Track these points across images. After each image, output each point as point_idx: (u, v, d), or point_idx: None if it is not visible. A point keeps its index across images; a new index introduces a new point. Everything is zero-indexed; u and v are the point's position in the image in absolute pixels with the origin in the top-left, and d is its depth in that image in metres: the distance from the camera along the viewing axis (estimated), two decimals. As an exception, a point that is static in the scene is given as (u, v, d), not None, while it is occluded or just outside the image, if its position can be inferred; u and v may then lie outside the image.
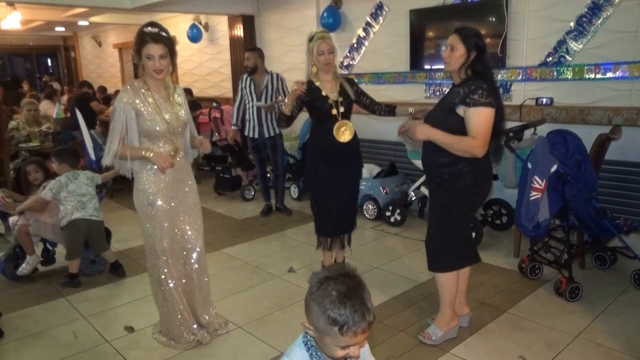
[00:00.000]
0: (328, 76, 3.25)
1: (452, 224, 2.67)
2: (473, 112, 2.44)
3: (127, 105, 2.59)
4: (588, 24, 3.98)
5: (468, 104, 2.44)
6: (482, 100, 2.42)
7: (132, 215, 5.50)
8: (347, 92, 3.27)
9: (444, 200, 2.65)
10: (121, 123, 2.59)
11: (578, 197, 3.24)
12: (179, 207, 2.82)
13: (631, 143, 3.83)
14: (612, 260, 3.67)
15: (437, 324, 2.81)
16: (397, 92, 5.48)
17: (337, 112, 3.23)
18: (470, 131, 2.46)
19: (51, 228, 3.75)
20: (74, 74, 13.09)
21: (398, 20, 5.30)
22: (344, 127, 3.24)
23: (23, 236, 3.70)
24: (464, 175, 2.54)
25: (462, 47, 2.49)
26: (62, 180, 3.64)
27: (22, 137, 5.97)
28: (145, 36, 2.56)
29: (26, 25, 9.76)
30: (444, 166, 2.57)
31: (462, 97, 2.48)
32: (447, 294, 2.75)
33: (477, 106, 2.42)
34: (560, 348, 2.70)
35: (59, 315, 3.26)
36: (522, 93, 4.45)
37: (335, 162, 3.29)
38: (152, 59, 2.55)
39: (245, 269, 3.96)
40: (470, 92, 2.44)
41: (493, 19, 4.53)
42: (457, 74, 2.56)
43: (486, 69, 2.52)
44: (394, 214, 4.85)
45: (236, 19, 7.06)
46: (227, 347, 2.82)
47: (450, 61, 2.55)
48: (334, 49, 3.22)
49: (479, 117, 2.43)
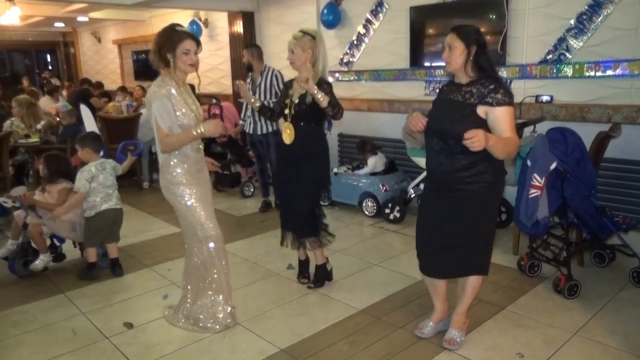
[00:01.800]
0: (301, 76, 3.19)
1: (484, 226, 2.61)
2: (502, 112, 2.37)
3: (165, 98, 2.71)
4: (588, 21, 3.97)
5: (491, 104, 2.37)
6: (507, 99, 2.38)
7: (131, 212, 5.51)
8: (306, 97, 3.17)
9: (465, 205, 2.53)
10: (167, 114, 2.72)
11: (577, 195, 3.24)
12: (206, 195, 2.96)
13: (631, 141, 3.83)
14: (610, 257, 3.67)
15: (457, 327, 2.76)
16: (397, 90, 5.48)
17: (288, 112, 3.23)
18: (505, 131, 2.38)
19: (69, 225, 3.75)
20: (73, 70, 13.06)
21: (398, 17, 5.29)
22: (287, 129, 3.24)
23: (37, 236, 3.70)
24: (486, 174, 2.47)
25: (461, 44, 2.42)
26: (92, 171, 3.68)
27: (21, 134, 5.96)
28: (181, 33, 2.74)
29: (25, 20, 9.74)
30: (464, 169, 2.47)
31: (480, 97, 2.41)
32: (475, 295, 2.78)
33: (503, 105, 2.37)
34: (559, 345, 2.71)
35: (58, 311, 3.26)
36: (522, 90, 4.44)
37: (282, 160, 3.41)
38: (189, 54, 2.73)
39: (244, 265, 3.96)
40: (491, 91, 2.38)
41: (493, 16, 4.52)
42: (462, 72, 2.48)
43: (491, 64, 2.48)
44: (393, 211, 4.85)
45: (236, 15, 7.05)
46: (225, 343, 2.83)
47: (451, 60, 2.47)
48: (295, 50, 3.15)
49: (510, 116, 2.39)
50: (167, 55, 2.72)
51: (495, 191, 2.59)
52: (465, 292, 2.74)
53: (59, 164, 3.87)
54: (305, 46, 3.14)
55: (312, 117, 3.23)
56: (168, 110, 2.71)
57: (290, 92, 3.27)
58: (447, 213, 2.58)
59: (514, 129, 2.43)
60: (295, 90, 3.26)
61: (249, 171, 6.19)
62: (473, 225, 2.57)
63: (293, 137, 3.23)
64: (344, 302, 3.28)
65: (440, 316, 2.86)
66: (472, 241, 2.60)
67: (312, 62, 3.19)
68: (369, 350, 2.72)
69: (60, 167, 3.85)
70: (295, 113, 3.21)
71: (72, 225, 3.76)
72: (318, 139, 3.33)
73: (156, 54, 2.75)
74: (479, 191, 2.49)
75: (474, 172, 2.46)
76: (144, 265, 3.99)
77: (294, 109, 3.22)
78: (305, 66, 3.17)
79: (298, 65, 3.20)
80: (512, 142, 2.39)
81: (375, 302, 3.26)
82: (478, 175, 2.46)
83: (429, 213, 2.71)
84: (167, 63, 2.74)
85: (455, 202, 2.55)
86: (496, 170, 2.53)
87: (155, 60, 2.78)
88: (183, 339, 2.87)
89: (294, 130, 3.22)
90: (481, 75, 2.46)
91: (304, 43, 3.14)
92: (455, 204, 2.55)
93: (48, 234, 3.82)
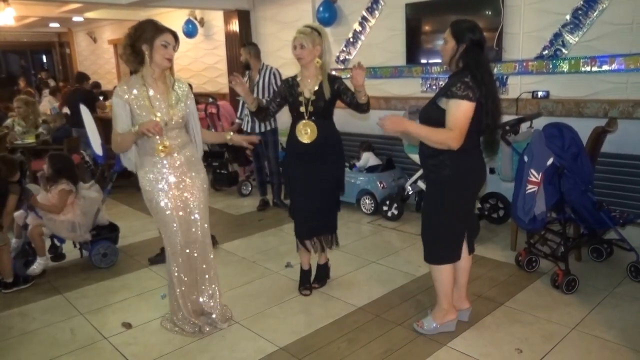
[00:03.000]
0: (308, 72, 3.14)
1: (438, 216, 2.69)
2: (451, 104, 2.45)
3: (117, 97, 2.67)
4: (584, 16, 3.97)
5: (448, 96, 2.47)
6: (459, 93, 2.42)
7: (129, 212, 5.50)
8: (323, 92, 3.11)
9: (431, 191, 2.75)
10: (119, 117, 2.68)
11: (574, 190, 3.25)
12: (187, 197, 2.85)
13: (627, 135, 3.84)
14: (608, 252, 3.68)
15: (432, 316, 2.83)
16: (394, 87, 5.47)
17: (305, 110, 3.11)
18: (447, 123, 2.47)
19: (69, 225, 3.75)
20: (69, 70, 13.02)
21: (394, 14, 5.29)
22: (308, 128, 3.11)
23: (37, 237, 3.70)
24: (444, 167, 2.55)
25: (452, 40, 2.51)
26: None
27: (19, 134, 5.94)
28: (161, 26, 2.68)
29: (20, 21, 9.70)
30: (429, 157, 2.62)
31: (444, 89, 2.53)
32: (441, 286, 2.76)
33: (454, 98, 2.43)
34: (557, 340, 2.71)
35: (57, 312, 3.26)
36: (518, 86, 4.45)
37: (303, 161, 3.19)
38: (168, 47, 2.66)
39: (242, 264, 3.96)
40: (451, 84, 2.47)
41: (489, 12, 4.52)
42: (451, 66, 2.59)
43: (478, 61, 2.48)
44: (391, 208, 4.85)
45: (232, 14, 7.03)
46: (224, 342, 2.83)
47: (443, 54, 2.61)
48: (305, 44, 3.06)
49: (455, 109, 2.44)
50: (143, 47, 2.60)
51: (454, 187, 2.60)
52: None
53: (64, 163, 3.89)
54: (315, 41, 3.07)
55: (328, 112, 3.19)
56: (118, 110, 2.67)
57: (299, 89, 3.15)
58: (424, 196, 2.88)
59: (458, 124, 2.43)
60: (304, 86, 3.15)
61: (246, 170, 6.19)
62: (430, 211, 2.74)
63: (316, 135, 3.11)
64: (343, 299, 3.28)
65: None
66: (428, 227, 2.76)
67: (319, 57, 3.13)
68: (367, 347, 2.72)
69: (64, 166, 3.86)
70: (313, 110, 3.12)
71: (72, 225, 3.75)
72: (336, 134, 3.27)
73: (128, 48, 2.63)
74: (436, 181, 2.65)
75: (436, 162, 2.59)
76: (142, 265, 3.98)
77: (311, 106, 3.12)
78: (313, 62, 3.12)
79: (308, 60, 3.09)
80: (437, 134, 2.48)
81: (373, 300, 3.26)
82: (438, 165, 2.58)
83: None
84: (140, 58, 2.64)
85: (427, 186, 2.84)
86: (455, 167, 2.55)
87: (126, 55, 2.66)
88: (182, 339, 2.87)
89: (315, 127, 3.11)
90: (459, 70, 2.53)
91: (314, 38, 3.06)
92: (427, 188, 2.84)
93: (48, 234, 3.82)
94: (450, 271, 2.75)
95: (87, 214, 3.85)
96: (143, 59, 2.65)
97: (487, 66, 2.53)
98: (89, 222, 3.87)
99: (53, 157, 3.90)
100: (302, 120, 3.12)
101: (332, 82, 3.15)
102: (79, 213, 3.78)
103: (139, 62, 2.67)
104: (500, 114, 2.63)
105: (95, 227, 3.98)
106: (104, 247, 3.93)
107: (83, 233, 3.83)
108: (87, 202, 3.87)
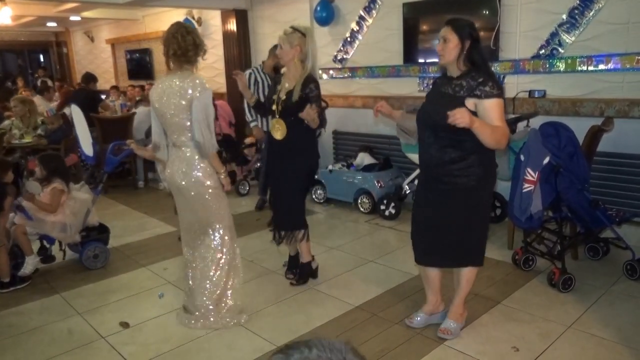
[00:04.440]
0: (289, 72, 3.24)
1: (478, 217, 2.65)
2: (490, 104, 2.40)
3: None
4: (580, 16, 3.99)
5: (479, 97, 2.40)
6: (495, 92, 2.40)
7: (126, 211, 5.50)
8: (292, 94, 3.17)
9: (458, 197, 2.56)
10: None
11: (570, 189, 3.26)
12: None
13: (623, 134, 3.85)
14: (604, 251, 3.70)
15: (453, 318, 2.80)
16: (391, 86, 5.48)
17: (275, 108, 3.24)
18: (493, 121, 2.40)
19: (59, 226, 3.74)
20: (66, 69, 12.99)
21: (391, 14, 5.29)
22: (278, 125, 3.25)
23: (21, 236, 3.67)
24: (475, 167, 2.50)
25: (455, 37, 2.45)
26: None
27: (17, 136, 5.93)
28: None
29: (17, 20, 9.67)
30: (454, 162, 2.50)
31: (469, 90, 2.43)
32: (470, 286, 2.81)
33: (491, 98, 2.40)
34: (554, 338, 2.73)
35: (54, 311, 3.26)
36: (515, 86, 4.46)
37: (273, 156, 3.41)
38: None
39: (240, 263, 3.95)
40: (479, 84, 2.41)
41: (486, 11, 4.53)
42: (454, 65, 2.51)
43: (484, 59, 2.51)
44: (388, 207, 4.86)
45: (229, 14, 7.02)
46: (222, 341, 2.83)
47: (444, 53, 2.50)
48: (283, 45, 3.14)
49: (498, 107, 2.40)
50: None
51: (485, 185, 2.61)
52: (460, 284, 2.79)
53: (56, 163, 3.87)
54: (293, 42, 3.13)
55: (292, 113, 3.23)
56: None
57: (279, 87, 3.28)
58: (438, 205, 2.63)
59: (504, 120, 2.44)
60: (282, 86, 3.27)
61: (244, 169, 6.19)
62: (463, 217, 2.60)
63: (285, 133, 3.23)
64: (340, 298, 3.29)
65: (431, 308, 2.89)
66: (464, 233, 2.63)
67: (300, 58, 3.19)
68: (365, 346, 2.72)
69: (57, 166, 3.85)
70: (282, 109, 3.22)
71: (62, 226, 3.74)
72: (306, 136, 3.32)
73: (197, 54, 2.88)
74: (468, 184, 2.52)
75: (463, 166, 2.49)
76: (140, 265, 3.98)
77: (281, 105, 3.23)
78: (293, 62, 3.18)
79: (286, 61, 3.21)
80: (500, 131, 2.41)
81: (371, 298, 3.27)
82: (467, 168, 2.49)
83: (421, 205, 2.76)
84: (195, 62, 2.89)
85: (446, 195, 2.58)
86: (486, 165, 2.55)
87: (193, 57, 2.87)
88: (180, 338, 2.87)
89: (284, 126, 3.23)
90: (472, 69, 2.48)
91: (292, 39, 3.14)
92: (446, 196, 2.59)
93: (35, 234, 3.79)
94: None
95: (77, 215, 3.82)
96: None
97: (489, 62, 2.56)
98: (79, 223, 3.84)
99: (44, 158, 3.88)
100: (274, 118, 3.28)
101: (305, 86, 3.16)
102: (68, 213, 3.76)
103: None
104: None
105: (85, 229, 3.95)
106: (94, 249, 3.91)
107: (73, 234, 3.81)
108: (77, 203, 3.85)
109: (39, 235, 3.81)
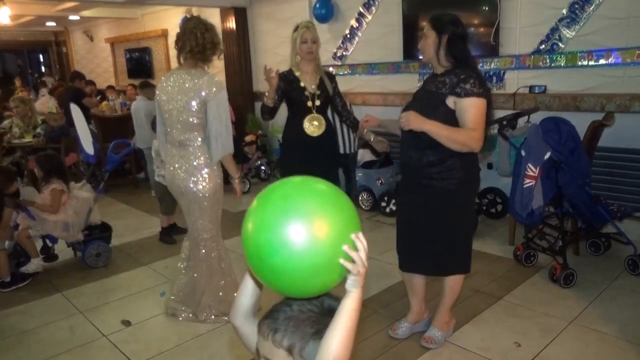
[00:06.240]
0: (309, 67, 3.13)
1: (461, 223, 2.52)
2: (468, 103, 2.28)
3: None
4: (580, 10, 3.97)
5: (459, 95, 2.29)
6: (475, 90, 2.27)
7: (127, 210, 5.50)
8: (326, 87, 3.13)
9: (440, 201, 2.44)
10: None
11: (571, 184, 3.25)
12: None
13: (624, 129, 3.84)
14: (606, 246, 3.69)
15: (438, 326, 2.69)
16: (391, 82, 5.47)
17: (312, 104, 3.09)
18: (467, 123, 2.28)
19: (62, 225, 3.74)
20: (66, 69, 12.98)
21: (391, 10, 5.28)
22: (316, 121, 3.10)
23: (25, 240, 3.68)
24: (456, 170, 2.38)
25: (433, 33, 2.36)
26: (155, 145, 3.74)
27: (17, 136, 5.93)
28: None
29: (16, 20, 9.66)
30: (432, 165, 2.39)
31: (450, 87, 2.33)
32: (455, 295, 2.68)
33: (470, 96, 2.27)
34: (555, 334, 2.72)
35: (55, 310, 3.26)
36: (515, 81, 4.45)
37: (308, 157, 3.13)
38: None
39: (240, 261, 3.93)
40: (460, 81, 2.30)
41: (486, 7, 4.51)
42: (435, 62, 2.42)
43: (465, 55, 2.39)
44: (389, 204, 4.86)
45: (228, 11, 7.01)
46: (223, 338, 2.83)
47: (424, 50, 2.42)
48: (317, 39, 3.10)
49: (475, 108, 2.27)
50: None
51: (467, 190, 2.49)
52: (444, 291, 2.67)
53: (52, 163, 3.87)
54: (317, 36, 3.13)
55: (326, 109, 3.22)
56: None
57: (301, 84, 3.11)
58: (419, 208, 2.52)
59: (478, 122, 2.29)
60: (306, 80, 3.12)
61: (244, 167, 6.18)
62: (445, 222, 2.48)
63: (324, 128, 3.13)
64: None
65: (415, 317, 2.77)
66: (446, 238, 2.50)
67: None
68: (366, 342, 2.72)
69: (53, 166, 3.84)
70: (320, 104, 3.12)
71: (65, 225, 3.74)
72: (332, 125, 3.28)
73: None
74: (447, 188, 2.40)
75: (443, 169, 2.38)
76: (141, 263, 3.98)
77: (318, 100, 3.11)
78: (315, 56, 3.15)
79: (316, 55, 3.13)
80: (463, 134, 2.28)
81: (372, 295, 3.27)
82: (447, 171, 2.38)
83: (403, 207, 2.67)
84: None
85: (426, 198, 2.47)
86: (467, 168, 2.42)
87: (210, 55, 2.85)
88: (181, 336, 2.88)
89: (323, 120, 3.13)
90: (457, 65, 2.37)
91: (316, 33, 3.12)
92: (426, 199, 2.47)
93: (39, 235, 3.80)
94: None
95: (79, 214, 3.83)
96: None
97: (474, 59, 2.46)
98: (81, 221, 3.85)
99: (40, 159, 3.88)
100: (308, 115, 3.10)
101: (330, 79, 3.18)
102: (71, 213, 3.76)
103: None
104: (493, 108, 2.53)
105: (87, 227, 3.96)
106: (96, 248, 3.91)
107: (76, 233, 3.82)
108: (79, 201, 3.86)
109: (40, 235, 3.81)
